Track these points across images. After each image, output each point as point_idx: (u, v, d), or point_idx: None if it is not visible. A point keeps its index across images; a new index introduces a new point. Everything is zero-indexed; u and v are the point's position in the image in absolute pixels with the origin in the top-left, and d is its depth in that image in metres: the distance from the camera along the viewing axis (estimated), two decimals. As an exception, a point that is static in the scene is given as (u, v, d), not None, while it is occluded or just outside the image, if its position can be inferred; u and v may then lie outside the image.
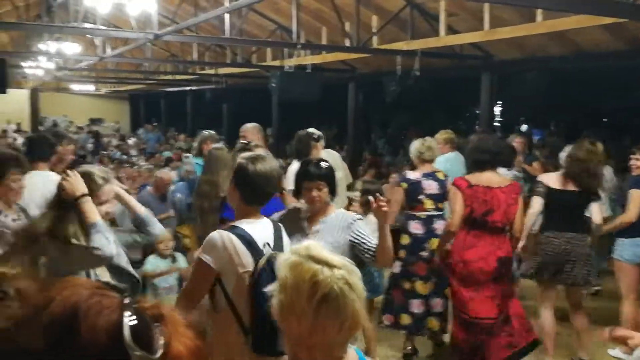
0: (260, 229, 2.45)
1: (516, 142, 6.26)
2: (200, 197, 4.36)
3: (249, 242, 2.37)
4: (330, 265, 1.41)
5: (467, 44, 8.02)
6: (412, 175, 4.57)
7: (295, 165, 4.41)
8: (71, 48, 10.51)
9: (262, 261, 2.29)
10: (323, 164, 2.89)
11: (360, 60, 10.32)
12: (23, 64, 13.32)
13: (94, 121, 25.07)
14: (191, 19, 7.29)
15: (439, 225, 4.43)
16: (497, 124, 15.31)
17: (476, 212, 3.91)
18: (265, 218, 2.53)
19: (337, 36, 9.03)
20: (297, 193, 2.96)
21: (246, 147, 3.89)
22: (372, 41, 8.35)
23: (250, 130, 5.11)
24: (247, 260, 2.34)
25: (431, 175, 4.54)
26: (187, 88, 18.66)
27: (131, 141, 17.70)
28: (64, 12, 10.74)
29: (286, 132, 18.51)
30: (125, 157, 13.18)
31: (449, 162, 5.46)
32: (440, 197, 4.49)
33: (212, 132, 5.85)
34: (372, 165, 8.89)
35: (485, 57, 8.34)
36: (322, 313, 1.37)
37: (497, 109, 14.85)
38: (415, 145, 4.63)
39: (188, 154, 6.56)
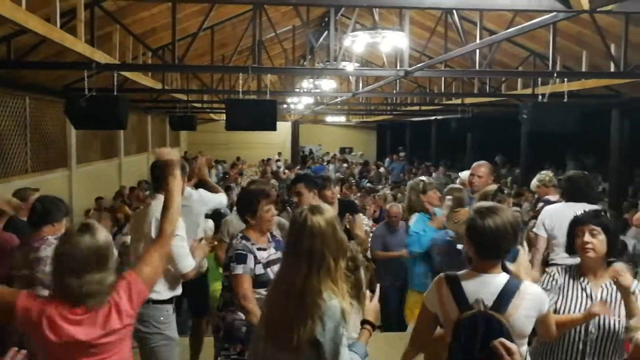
0: (482, 283, 2.37)
1: None
2: None
3: (459, 297, 2.37)
4: None
5: None
6: None
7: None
8: (328, 84, 11.45)
9: (466, 314, 2.29)
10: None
11: (627, 84, 9.23)
12: (288, 99, 14.92)
13: (343, 150, 26.88)
14: (441, 55, 7.33)
15: None
16: None
17: None
18: (500, 275, 2.40)
19: (600, 60, 8.22)
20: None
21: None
22: (644, 64, 7.41)
23: (485, 168, 5.12)
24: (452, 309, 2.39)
25: None
26: (432, 117, 18.84)
27: (381, 170, 18.42)
28: (323, 52, 11.78)
29: (535, 162, 17.51)
30: (371, 185, 13.73)
31: None
32: None
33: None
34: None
35: None
36: None
37: None
38: None
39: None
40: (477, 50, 7.45)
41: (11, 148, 8.47)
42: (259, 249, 3.34)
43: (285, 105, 15.84)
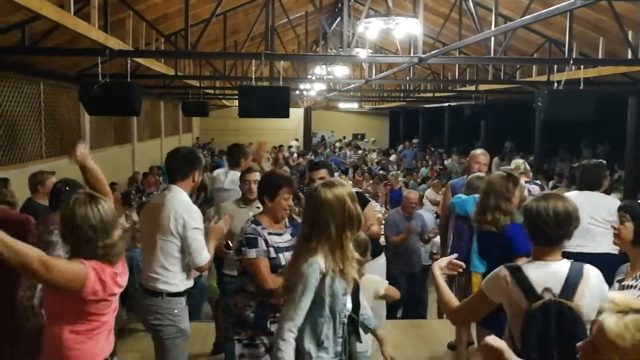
0: (548, 272, 2.36)
1: None
2: None
3: (525, 286, 2.34)
4: None
5: None
6: None
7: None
8: (341, 71, 11.40)
9: (537, 304, 2.29)
10: None
11: (645, 71, 9.10)
12: (301, 86, 14.89)
13: (355, 136, 26.81)
14: (456, 42, 7.25)
15: None
16: None
17: None
18: (561, 261, 2.40)
19: (617, 47, 8.10)
20: None
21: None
22: (662, 51, 7.28)
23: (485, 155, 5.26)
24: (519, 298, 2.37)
25: None
26: (446, 104, 18.72)
27: (392, 157, 18.37)
28: (336, 38, 11.71)
29: (549, 150, 17.36)
30: (384, 172, 13.69)
31: None
32: None
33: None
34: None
35: None
36: None
37: None
38: None
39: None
40: (492, 37, 7.36)
41: (26, 134, 8.53)
42: (270, 234, 3.33)
43: (297, 92, 15.82)
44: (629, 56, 7.29)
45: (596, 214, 4.59)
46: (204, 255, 3.50)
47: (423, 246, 7.32)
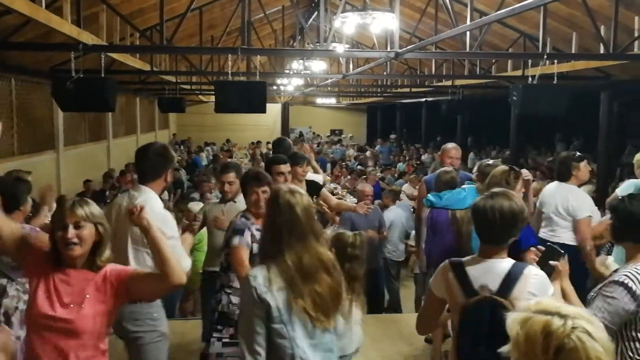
0: (486, 269, 2.39)
1: None
2: None
3: (463, 283, 2.39)
4: (561, 315, 1.33)
5: None
6: None
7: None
8: (318, 66, 11.39)
9: (472, 300, 2.34)
10: None
11: (617, 66, 9.25)
12: (278, 81, 14.84)
13: (333, 132, 26.85)
14: (432, 37, 7.29)
15: None
16: None
17: None
18: (503, 260, 2.41)
19: (590, 42, 8.23)
20: None
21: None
22: (634, 46, 7.42)
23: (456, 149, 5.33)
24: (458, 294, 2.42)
25: None
26: (423, 99, 18.82)
27: (368, 153, 18.44)
28: (314, 33, 11.69)
29: (524, 144, 17.59)
30: (362, 168, 13.74)
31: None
32: None
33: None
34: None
35: None
36: None
37: None
38: None
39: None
40: (468, 32, 7.42)
41: (-3, 130, 8.36)
42: (257, 229, 3.34)
43: (275, 87, 15.76)
44: (602, 51, 7.41)
45: (560, 205, 4.68)
46: (184, 263, 3.41)
47: (399, 241, 7.31)
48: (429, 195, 4.74)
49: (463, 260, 2.46)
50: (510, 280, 2.33)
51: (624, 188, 4.59)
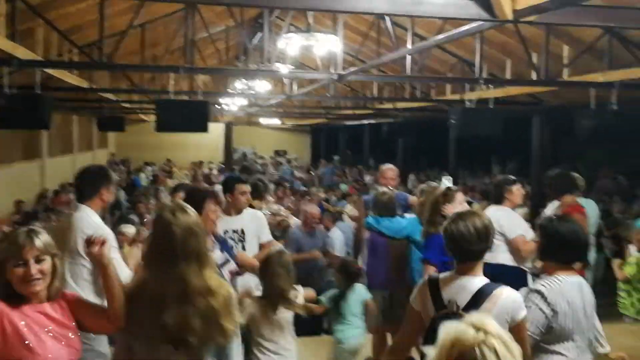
0: (459, 286, 2.48)
1: None
2: None
3: (435, 298, 2.49)
4: (478, 328, 1.37)
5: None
6: None
7: None
8: (262, 86, 11.39)
9: (439, 313, 2.45)
10: None
11: (548, 92, 9.72)
12: (221, 100, 14.73)
13: (277, 153, 26.83)
14: (374, 60, 7.45)
15: None
16: None
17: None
18: (476, 277, 2.49)
19: (523, 68, 8.61)
20: None
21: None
22: (563, 73, 7.82)
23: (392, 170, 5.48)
24: (430, 308, 2.51)
25: None
26: (366, 122, 19.12)
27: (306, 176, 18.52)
28: (258, 53, 11.71)
29: (462, 166, 18.09)
30: (305, 188, 13.77)
31: None
32: None
33: None
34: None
35: (700, 88, 7.34)
36: None
37: None
38: None
39: None
40: (409, 56, 7.62)
41: None
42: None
43: (218, 107, 15.64)
44: (534, 77, 7.76)
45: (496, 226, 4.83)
46: (124, 274, 3.35)
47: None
48: (369, 217, 4.81)
49: (440, 276, 2.56)
50: (479, 297, 2.42)
51: (552, 208, 4.81)
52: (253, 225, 4.41)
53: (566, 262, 2.74)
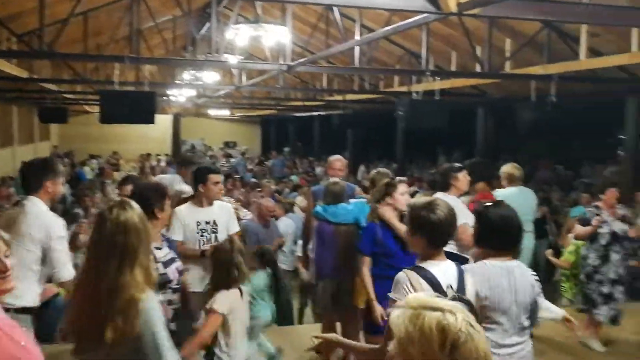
0: (444, 270, 2.53)
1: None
2: None
3: (434, 284, 2.45)
4: (445, 311, 1.40)
5: (611, 67, 7.47)
6: None
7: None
8: (211, 77, 11.26)
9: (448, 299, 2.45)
10: None
11: (492, 84, 10.01)
12: (168, 91, 14.47)
13: (227, 144, 26.57)
14: (323, 51, 7.49)
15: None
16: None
17: None
18: (448, 260, 2.58)
19: (468, 61, 8.83)
20: None
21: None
22: (505, 65, 8.06)
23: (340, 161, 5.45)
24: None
25: None
26: (316, 113, 19.18)
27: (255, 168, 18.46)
28: (206, 44, 11.55)
29: (411, 158, 18.42)
30: (256, 180, 13.71)
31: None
32: None
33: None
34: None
35: (632, 81, 7.72)
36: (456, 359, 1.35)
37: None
38: None
39: None
40: (357, 48, 7.70)
41: None
42: (156, 248, 3.17)
43: (165, 98, 15.36)
44: (478, 69, 7.98)
45: None
46: (68, 268, 3.28)
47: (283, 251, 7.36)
48: (317, 206, 4.84)
49: (422, 265, 2.54)
50: (461, 279, 2.53)
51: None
52: (224, 216, 4.36)
53: (498, 249, 2.81)
